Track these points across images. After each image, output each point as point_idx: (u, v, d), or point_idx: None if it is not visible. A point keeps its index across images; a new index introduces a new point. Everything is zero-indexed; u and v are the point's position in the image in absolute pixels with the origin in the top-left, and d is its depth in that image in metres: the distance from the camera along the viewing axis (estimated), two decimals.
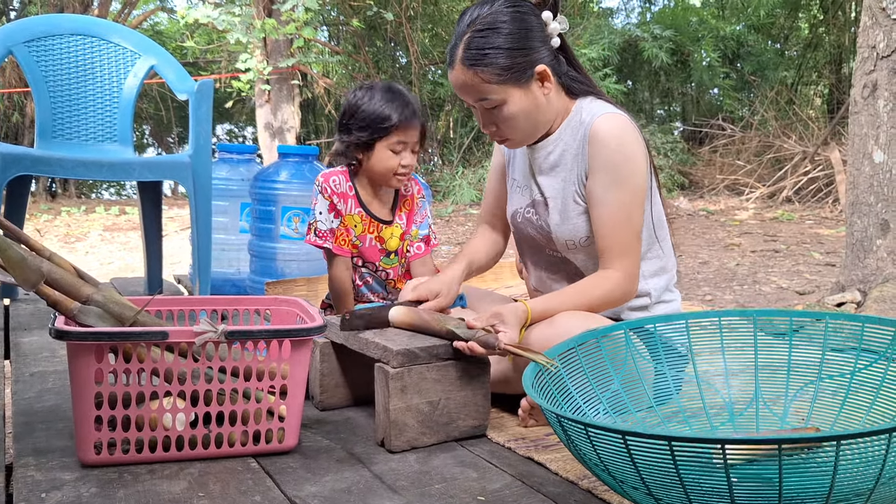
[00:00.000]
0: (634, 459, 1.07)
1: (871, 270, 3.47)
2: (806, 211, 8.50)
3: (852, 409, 1.50)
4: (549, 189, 1.93)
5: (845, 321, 1.53)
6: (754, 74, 11.82)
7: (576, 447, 1.17)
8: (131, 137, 3.26)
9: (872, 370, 1.48)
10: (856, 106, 3.52)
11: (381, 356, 1.66)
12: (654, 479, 1.08)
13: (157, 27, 15.74)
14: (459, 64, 1.79)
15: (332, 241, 2.27)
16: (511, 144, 1.93)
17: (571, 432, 1.15)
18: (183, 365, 1.49)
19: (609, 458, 1.11)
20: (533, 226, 1.98)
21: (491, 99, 1.80)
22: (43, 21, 3.20)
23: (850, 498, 1.03)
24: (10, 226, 1.58)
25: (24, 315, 2.82)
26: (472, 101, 1.84)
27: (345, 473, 1.50)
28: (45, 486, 1.38)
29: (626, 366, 1.57)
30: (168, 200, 11.21)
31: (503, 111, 1.82)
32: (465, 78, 1.79)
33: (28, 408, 1.81)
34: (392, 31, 10.43)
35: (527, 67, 1.80)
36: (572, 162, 1.88)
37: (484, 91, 1.79)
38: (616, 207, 1.80)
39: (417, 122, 2.23)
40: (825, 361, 1.54)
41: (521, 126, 1.85)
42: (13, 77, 10.66)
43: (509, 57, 1.77)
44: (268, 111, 9.88)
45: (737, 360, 1.61)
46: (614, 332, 1.58)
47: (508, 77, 1.78)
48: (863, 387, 1.49)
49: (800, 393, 1.56)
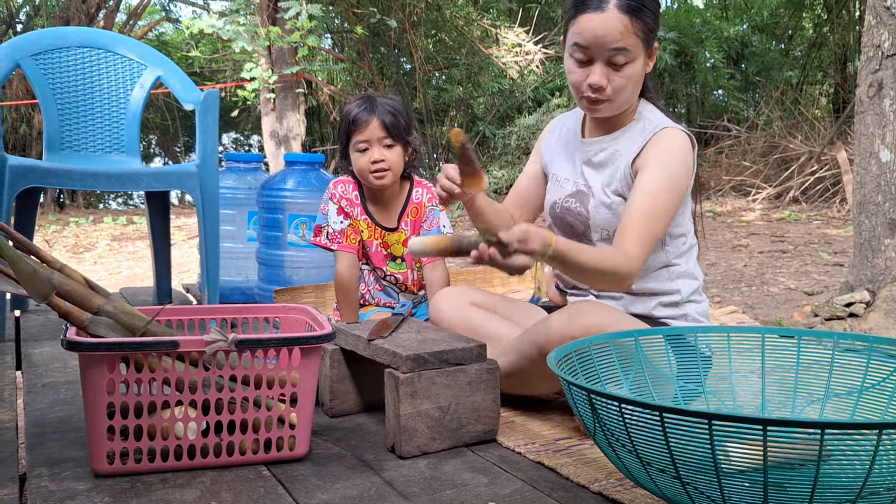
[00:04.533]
0: (668, 437, 1.07)
1: (879, 270, 3.46)
2: (813, 211, 8.48)
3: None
4: (593, 181, 1.95)
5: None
6: (759, 75, 11.80)
7: (604, 426, 1.17)
8: (139, 148, 3.28)
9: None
10: (861, 105, 3.51)
11: (390, 362, 1.66)
12: (685, 460, 1.08)
13: (163, 38, 15.80)
14: (614, 9, 1.75)
15: (341, 239, 2.33)
16: (604, 110, 1.88)
17: (602, 410, 1.15)
18: (194, 374, 1.50)
19: (639, 438, 1.11)
20: (572, 213, 1.98)
21: (628, 51, 1.78)
22: (49, 34, 3.22)
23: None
24: (20, 238, 1.59)
25: (35, 326, 2.83)
26: (606, 49, 1.78)
27: (356, 480, 1.50)
28: (59, 497, 1.39)
29: (651, 364, 1.58)
30: (175, 210, 11.24)
31: (625, 69, 1.80)
32: (617, 23, 1.75)
33: (40, 418, 1.82)
34: (396, 37, 10.44)
35: (655, 37, 1.83)
36: (623, 162, 1.89)
37: (628, 41, 1.77)
38: (657, 199, 1.80)
39: (373, 118, 2.29)
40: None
41: (627, 92, 1.84)
42: (20, 89, 10.71)
43: (653, 18, 1.80)
44: (273, 119, 9.90)
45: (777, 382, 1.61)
46: (652, 335, 1.61)
47: (648, 37, 1.80)
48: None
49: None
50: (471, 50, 10.33)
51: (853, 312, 3.48)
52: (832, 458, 1.06)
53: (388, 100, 2.33)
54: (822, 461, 1.00)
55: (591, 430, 1.22)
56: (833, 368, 1.54)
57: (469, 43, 10.27)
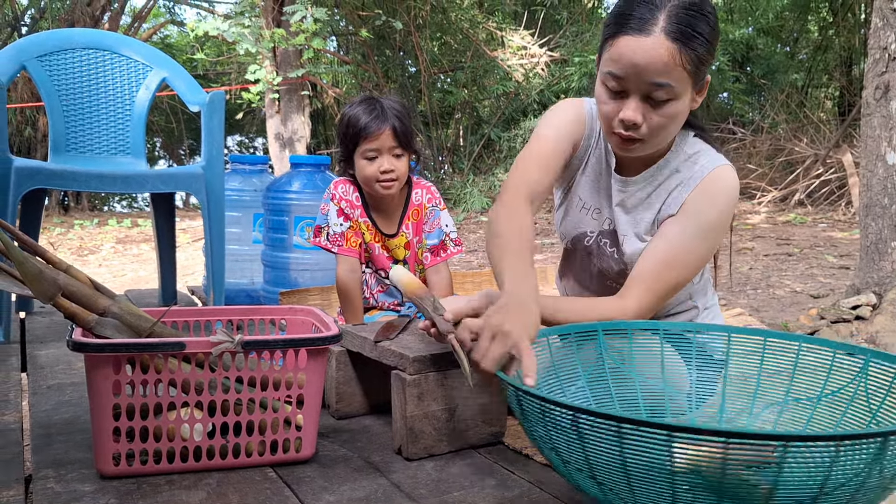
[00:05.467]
0: (583, 439, 1.06)
1: (886, 273, 3.45)
2: (818, 214, 8.46)
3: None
4: (625, 222, 1.76)
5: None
6: (764, 78, 11.80)
7: (529, 424, 1.17)
8: (144, 150, 3.28)
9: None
10: (868, 108, 3.50)
11: (397, 363, 1.65)
12: (600, 461, 1.07)
13: (167, 40, 15.84)
14: (661, 34, 1.48)
15: (343, 243, 2.29)
16: (637, 149, 1.63)
17: (527, 406, 1.15)
18: (200, 375, 1.49)
19: (558, 437, 1.11)
20: (605, 255, 1.82)
21: (671, 87, 1.51)
22: (55, 36, 3.22)
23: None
24: (26, 239, 1.58)
25: (40, 328, 2.83)
26: (645, 82, 1.52)
27: (362, 482, 1.50)
28: (65, 498, 1.38)
29: (614, 359, 1.56)
30: (180, 212, 11.26)
31: (667, 108, 1.54)
32: (662, 52, 1.48)
33: (46, 420, 1.81)
34: (401, 40, 10.46)
35: (706, 72, 1.58)
36: (660, 206, 1.71)
37: (673, 76, 1.50)
38: (677, 250, 1.64)
39: (386, 126, 2.22)
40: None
41: (665, 132, 1.59)
42: (25, 92, 10.74)
43: (707, 51, 1.53)
44: (278, 122, 9.92)
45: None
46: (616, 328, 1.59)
47: (697, 71, 1.53)
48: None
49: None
50: (476, 52, 10.34)
51: (859, 315, 3.47)
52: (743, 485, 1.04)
53: (393, 103, 2.28)
54: (727, 471, 0.99)
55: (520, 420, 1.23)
56: (796, 371, 1.50)
57: (474, 45, 10.29)
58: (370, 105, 2.24)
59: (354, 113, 2.24)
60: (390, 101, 2.28)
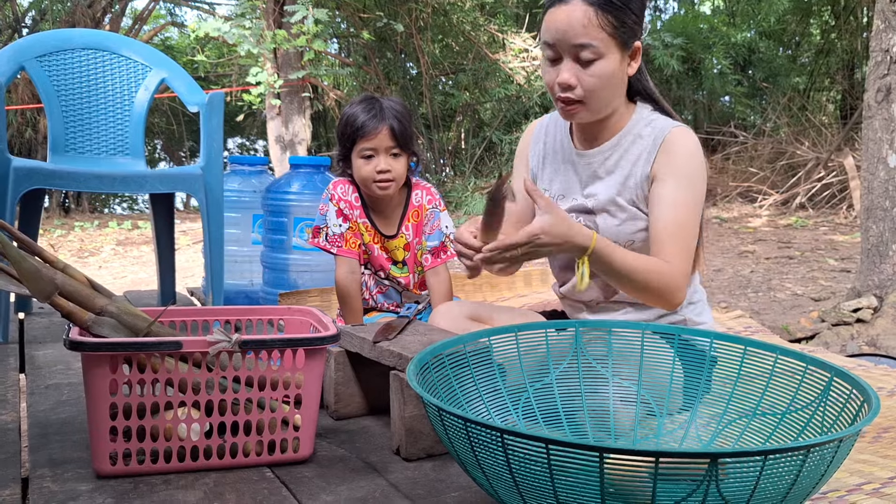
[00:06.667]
0: (510, 460, 1.03)
1: (887, 276, 3.45)
2: (820, 217, 8.46)
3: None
4: (601, 193, 1.83)
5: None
6: (766, 81, 11.80)
7: (452, 445, 1.14)
8: (143, 150, 3.27)
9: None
10: (869, 110, 3.50)
11: (396, 364, 1.65)
12: (528, 484, 1.04)
13: (168, 42, 15.84)
14: (579, 1, 1.65)
15: (341, 243, 2.28)
16: (579, 113, 1.75)
17: (449, 427, 1.11)
18: (197, 375, 1.49)
19: (485, 458, 1.07)
20: None
21: (593, 47, 1.66)
22: (54, 36, 3.21)
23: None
24: (24, 238, 1.58)
25: (39, 328, 2.82)
26: (569, 44, 1.67)
27: (360, 482, 1.49)
28: (62, 498, 1.38)
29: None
30: (180, 214, 11.25)
31: (595, 67, 1.68)
32: (580, 15, 1.65)
33: (43, 420, 1.81)
34: (402, 42, 10.46)
35: (634, 35, 1.71)
36: (630, 168, 1.79)
37: (592, 35, 1.65)
38: (684, 209, 1.73)
39: (383, 126, 2.21)
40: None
41: (601, 93, 1.71)
42: (25, 94, 10.74)
43: (630, 14, 1.68)
44: (279, 124, 9.91)
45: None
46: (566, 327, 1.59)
47: (621, 33, 1.67)
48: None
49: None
50: (477, 55, 10.34)
51: (861, 318, 3.47)
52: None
53: (393, 103, 2.27)
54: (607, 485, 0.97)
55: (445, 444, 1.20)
56: (739, 380, 1.47)
57: (476, 48, 10.28)
58: (369, 104, 2.23)
59: (353, 112, 2.23)
60: (390, 102, 2.27)
